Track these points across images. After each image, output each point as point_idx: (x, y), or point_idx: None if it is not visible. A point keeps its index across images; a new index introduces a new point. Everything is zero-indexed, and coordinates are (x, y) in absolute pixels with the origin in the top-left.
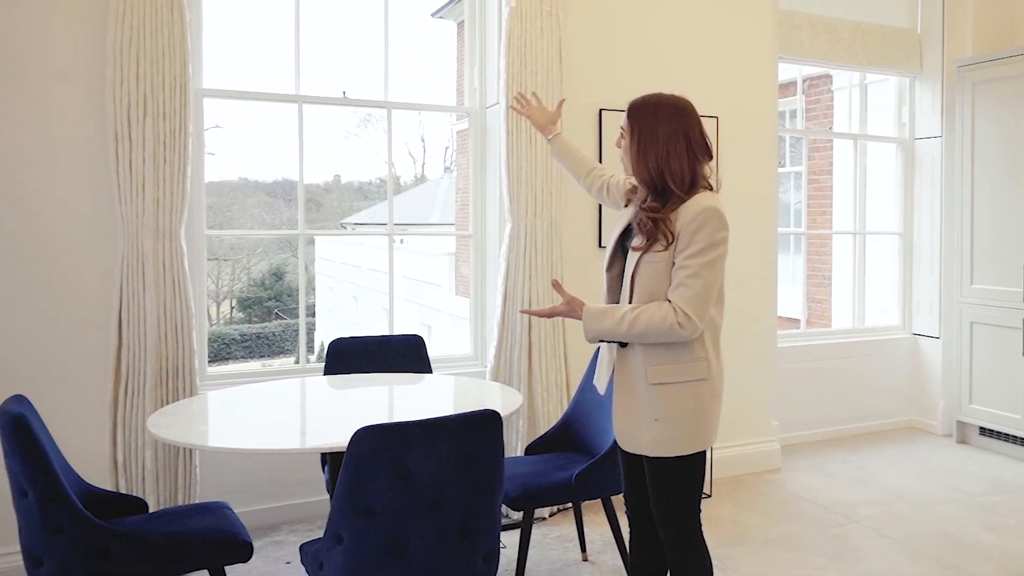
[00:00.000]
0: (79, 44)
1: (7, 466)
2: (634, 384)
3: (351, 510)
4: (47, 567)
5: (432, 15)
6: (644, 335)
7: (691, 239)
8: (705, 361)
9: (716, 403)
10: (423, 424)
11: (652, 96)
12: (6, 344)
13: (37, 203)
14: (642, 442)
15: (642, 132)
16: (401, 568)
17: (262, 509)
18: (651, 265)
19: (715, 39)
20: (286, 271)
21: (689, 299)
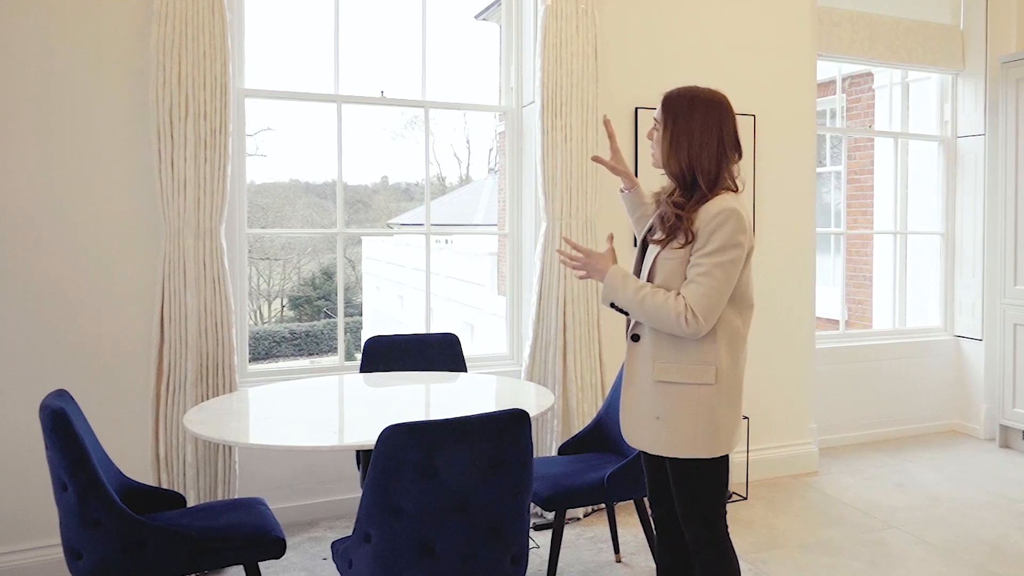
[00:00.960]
0: (124, 45)
1: (48, 459)
2: (640, 380)
3: (379, 509)
4: (86, 559)
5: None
6: (649, 315)
7: (708, 238)
8: (714, 366)
9: (727, 411)
10: (451, 423)
11: (688, 88)
12: (52, 340)
13: (83, 201)
14: (643, 439)
15: (676, 124)
16: (429, 568)
17: (301, 505)
18: (668, 262)
19: (752, 36)
20: (335, 271)
21: (697, 297)
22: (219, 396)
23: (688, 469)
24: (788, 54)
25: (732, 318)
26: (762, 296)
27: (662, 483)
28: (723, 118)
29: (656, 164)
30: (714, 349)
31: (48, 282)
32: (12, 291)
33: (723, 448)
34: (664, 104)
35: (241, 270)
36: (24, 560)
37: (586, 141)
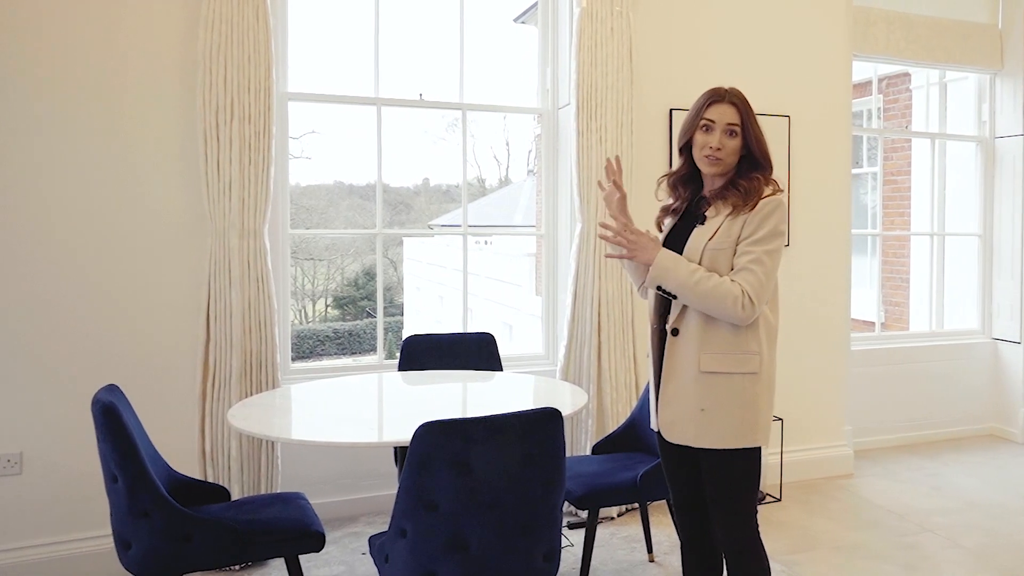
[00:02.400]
0: (173, 51)
1: (99, 452)
2: (684, 372)
3: (414, 504)
4: (135, 549)
5: (514, 20)
6: (706, 297)
7: (757, 226)
8: (758, 356)
9: (766, 401)
10: (484, 421)
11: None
12: (103, 336)
13: (133, 202)
14: (687, 432)
15: (751, 118)
16: (463, 563)
17: (341, 501)
18: (716, 252)
19: (787, 37)
20: (377, 271)
21: (752, 284)
22: (262, 392)
23: (727, 461)
24: (823, 55)
25: (766, 310)
26: (797, 297)
27: (692, 487)
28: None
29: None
30: (756, 338)
31: (100, 280)
32: (67, 289)
33: (763, 438)
34: (740, 103)
35: (284, 269)
36: (79, 549)
37: (620, 143)
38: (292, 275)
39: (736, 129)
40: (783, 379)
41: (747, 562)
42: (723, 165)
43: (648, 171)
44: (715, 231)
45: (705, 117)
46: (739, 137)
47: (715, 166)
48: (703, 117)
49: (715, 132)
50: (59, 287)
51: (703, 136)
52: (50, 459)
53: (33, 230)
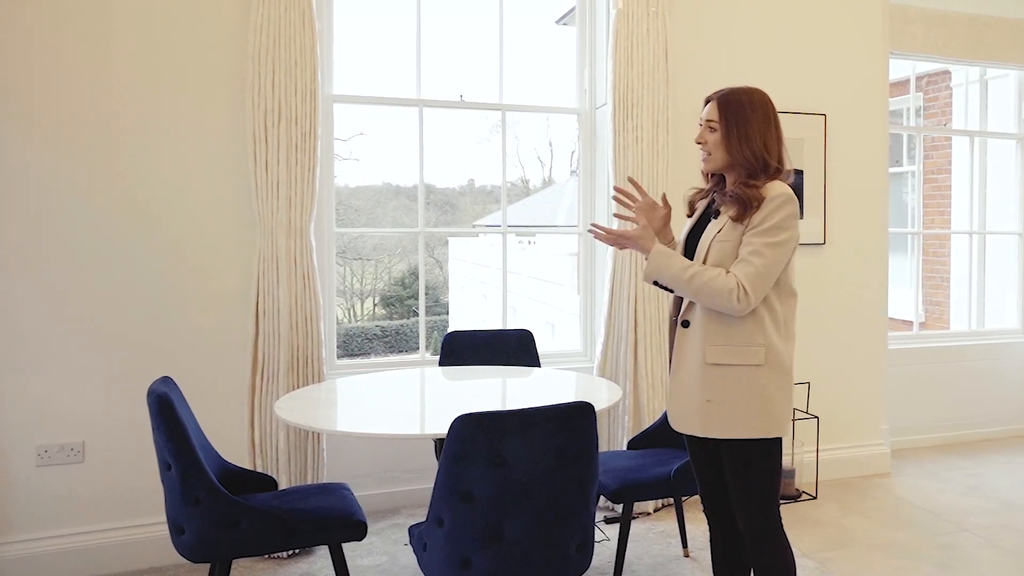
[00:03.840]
0: (223, 55)
1: (154, 441)
2: (690, 364)
3: (451, 495)
4: (188, 535)
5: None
6: (700, 292)
7: (761, 219)
8: (763, 347)
9: (780, 393)
10: (518, 414)
11: (734, 87)
12: (158, 331)
13: (186, 202)
14: (692, 422)
15: (739, 117)
16: (497, 553)
17: (385, 493)
18: (724, 243)
19: (822, 36)
20: (420, 269)
21: (749, 275)
22: (308, 386)
23: (744, 452)
24: (859, 53)
25: (773, 301)
26: (833, 295)
27: (715, 478)
28: (770, 107)
29: (712, 166)
30: (761, 330)
31: (158, 277)
32: (124, 285)
33: (776, 429)
34: (720, 104)
35: (329, 267)
36: (138, 535)
37: (656, 142)
38: (341, 274)
39: (714, 125)
40: (819, 377)
41: (769, 553)
42: (712, 161)
43: (683, 170)
44: (723, 226)
45: (700, 118)
46: (718, 132)
47: (705, 163)
48: (700, 119)
49: (700, 129)
50: (119, 284)
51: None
52: (110, 448)
53: (95, 229)
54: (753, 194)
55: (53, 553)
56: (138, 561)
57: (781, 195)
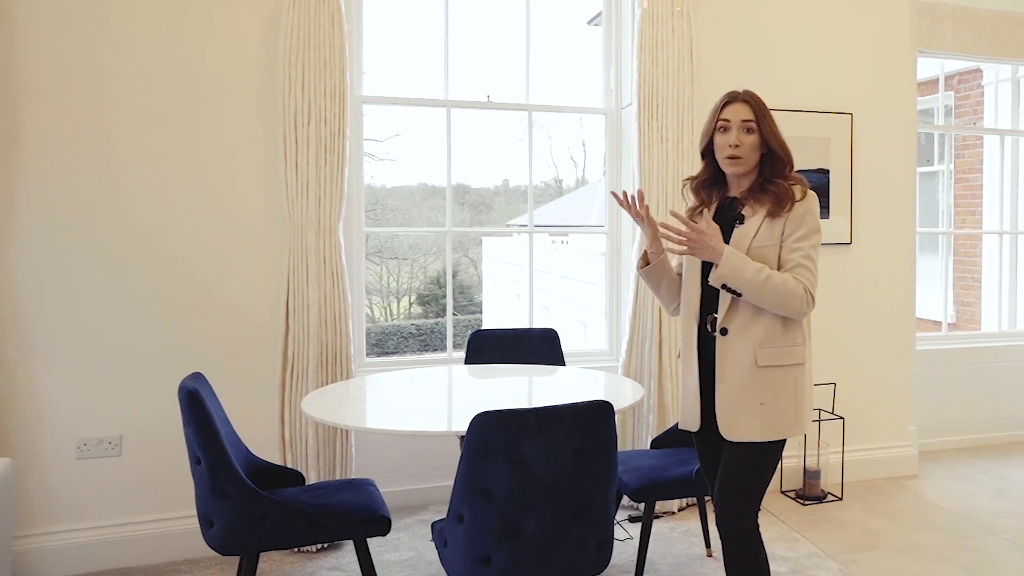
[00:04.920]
0: (255, 58)
1: (185, 435)
2: (740, 370)
3: (470, 492)
4: (216, 527)
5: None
6: (772, 295)
7: (799, 224)
8: (803, 347)
9: (810, 390)
10: (537, 412)
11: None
12: (192, 328)
13: (219, 202)
14: (751, 428)
15: (766, 114)
16: (516, 550)
17: (413, 489)
18: (763, 250)
19: (849, 34)
20: (459, 270)
21: (809, 280)
22: (335, 383)
23: (761, 450)
24: (886, 51)
25: None
26: (860, 295)
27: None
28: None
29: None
30: (800, 331)
31: (192, 275)
32: (158, 283)
33: (807, 425)
34: (753, 101)
35: (358, 266)
36: (172, 527)
37: (682, 141)
38: (377, 273)
39: (752, 125)
40: (845, 378)
41: (751, 552)
42: (744, 163)
43: None
44: (756, 230)
45: (721, 118)
46: (756, 133)
47: (736, 165)
48: (720, 119)
49: (732, 131)
50: (155, 282)
51: (721, 137)
52: (147, 442)
53: (130, 230)
54: (794, 189)
55: (92, 543)
56: (173, 553)
57: (813, 195)
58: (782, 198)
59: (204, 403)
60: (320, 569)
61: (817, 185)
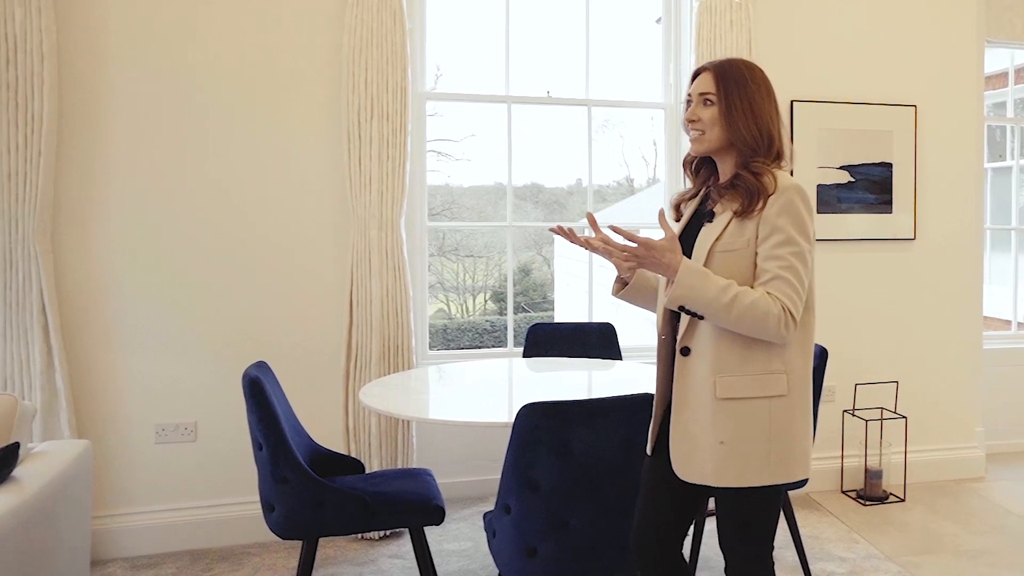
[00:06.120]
0: (319, 55)
1: (248, 421)
2: (697, 400)
3: (517, 483)
4: (277, 512)
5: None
6: (742, 318)
7: (780, 224)
8: (783, 375)
9: (801, 426)
10: (584, 404)
11: (729, 58)
12: (262, 319)
13: (287, 196)
14: (704, 470)
15: (740, 89)
16: (563, 541)
17: (472, 481)
18: (728, 255)
19: (913, 24)
20: (532, 268)
21: (791, 296)
22: (393, 374)
23: (744, 498)
24: (952, 41)
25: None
26: (923, 292)
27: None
28: (770, 84)
29: (703, 147)
30: (783, 355)
31: (261, 267)
32: (231, 277)
33: (801, 471)
34: (718, 73)
35: (421, 260)
36: (242, 511)
37: None
38: (454, 271)
39: (711, 97)
40: (908, 376)
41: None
42: (707, 140)
43: None
44: (722, 231)
45: (688, 93)
46: (715, 106)
47: (698, 143)
48: (687, 95)
49: (692, 105)
50: (227, 275)
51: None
52: (219, 428)
53: (204, 225)
54: (765, 181)
55: (167, 525)
56: (243, 536)
57: (794, 187)
58: (752, 194)
59: (265, 391)
60: (381, 556)
61: (879, 179)
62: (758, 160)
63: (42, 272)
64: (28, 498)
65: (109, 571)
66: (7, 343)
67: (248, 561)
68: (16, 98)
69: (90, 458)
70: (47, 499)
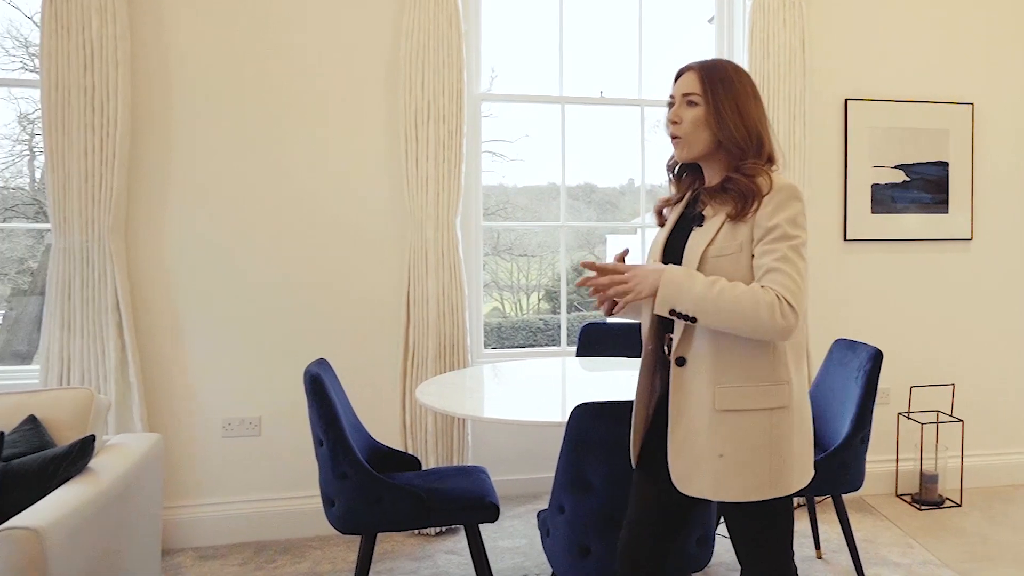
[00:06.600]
0: (379, 60)
1: (309, 417)
2: (695, 412)
3: (571, 482)
4: (337, 506)
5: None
6: (731, 312)
7: (777, 220)
8: (787, 385)
9: (802, 438)
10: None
11: (714, 59)
12: (322, 317)
13: (346, 198)
14: (703, 484)
15: (727, 90)
16: (616, 541)
17: (527, 479)
18: (721, 260)
19: (970, 18)
20: (561, 262)
21: (788, 285)
22: (449, 372)
23: (753, 513)
24: (1009, 36)
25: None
26: (981, 293)
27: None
28: (755, 86)
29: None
30: (784, 365)
31: (323, 266)
32: (295, 276)
33: (799, 482)
34: (703, 74)
35: (476, 259)
36: (304, 505)
37: (793, 135)
38: (508, 270)
39: (695, 99)
40: (965, 379)
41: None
42: (690, 145)
43: (822, 163)
44: (714, 235)
45: (670, 95)
46: (700, 107)
47: (679, 147)
48: (670, 96)
49: (675, 106)
50: (290, 275)
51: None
52: (282, 424)
53: (271, 226)
54: (760, 182)
55: (233, 516)
56: (305, 529)
57: (789, 187)
58: (746, 196)
59: (326, 388)
60: (438, 552)
61: (935, 178)
62: (750, 162)
63: (116, 270)
64: (103, 488)
65: (178, 560)
66: (85, 338)
67: (309, 554)
68: (92, 103)
69: (161, 451)
70: (121, 490)
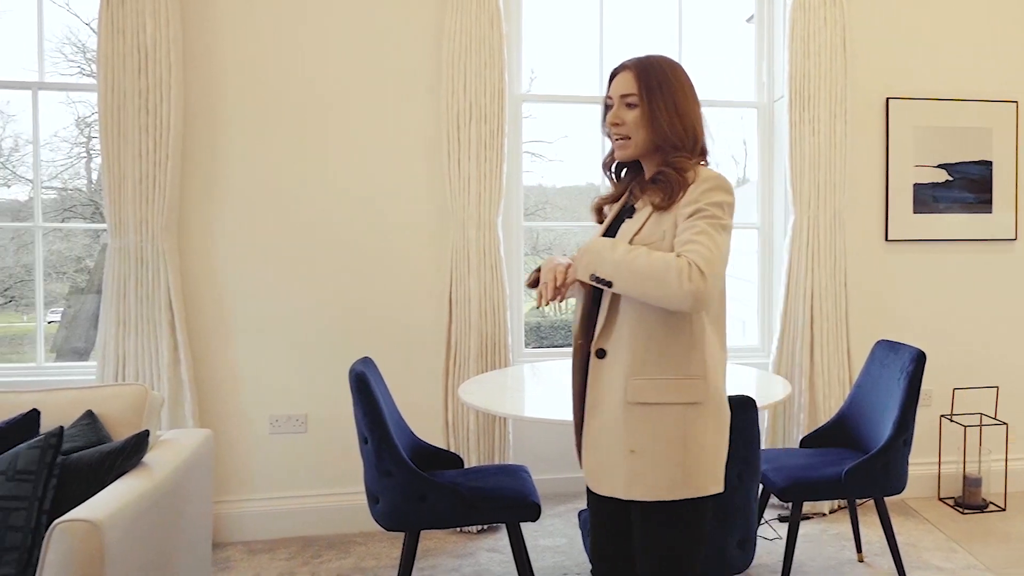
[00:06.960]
0: (421, 60)
1: (354, 415)
2: (608, 405)
3: None
4: (382, 504)
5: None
6: (644, 276)
7: (698, 203)
8: (701, 380)
9: (716, 437)
10: None
11: (648, 55)
12: (364, 316)
13: (390, 198)
14: (615, 482)
15: (664, 88)
16: None
17: (568, 478)
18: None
19: (1013, 15)
20: None
21: (701, 253)
22: (490, 371)
23: (664, 515)
24: None
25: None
26: (1021, 297)
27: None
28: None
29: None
30: (701, 359)
31: (366, 267)
32: (340, 276)
33: (713, 485)
34: (639, 73)
35: (517, 259)
36: (349, 501)
37: (834, 134)
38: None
39: (632, 100)
40: (1009, 381)
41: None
42: (632, 146)
43: (863, 162)
44: (642, 224)
45: (607, 95)
46: (638, 109)
47: (624, 148)
48: (607, 96)
49: (614, 108)
50: (336, 274)
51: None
52: (328, 421)
53: (316, 227)
54: (688, 176)
55: (280, 512)
56: (350, 525)
57: (716, 176)
58: (672, 187)
59: (371, 386)
60: (479, 550)
61: (978, 177)
62: (682, 155)
63: (168, 269)
64: (158, 482)
65: (228, 554)
66: (139, 336)
67: (355, 550)
68: (147, 105)
69: (211, 446)
70: (174, 484)
